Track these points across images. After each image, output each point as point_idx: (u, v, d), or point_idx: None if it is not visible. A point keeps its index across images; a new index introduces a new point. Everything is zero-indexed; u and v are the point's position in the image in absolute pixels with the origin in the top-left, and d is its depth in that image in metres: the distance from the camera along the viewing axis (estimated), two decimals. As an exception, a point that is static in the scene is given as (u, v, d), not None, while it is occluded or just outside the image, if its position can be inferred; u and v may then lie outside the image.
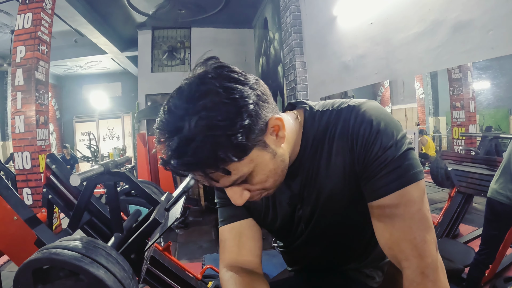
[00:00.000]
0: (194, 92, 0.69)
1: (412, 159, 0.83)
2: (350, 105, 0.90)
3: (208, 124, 0.65)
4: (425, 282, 0.79)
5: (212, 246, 4.76)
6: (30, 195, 4.61)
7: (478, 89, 2.64)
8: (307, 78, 4.84)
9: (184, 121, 0.66)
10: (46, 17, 4.78)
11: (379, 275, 1.20)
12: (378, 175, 0.83)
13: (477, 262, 2.58)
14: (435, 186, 3.56)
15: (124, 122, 13.04)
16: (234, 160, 0.69)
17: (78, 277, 1.07)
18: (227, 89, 0.69)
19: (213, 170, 0.70)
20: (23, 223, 1.69)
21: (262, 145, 0.76)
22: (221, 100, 0.67)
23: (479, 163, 3.07)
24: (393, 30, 2.84)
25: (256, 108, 0.72)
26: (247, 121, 0.69)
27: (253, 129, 0.71)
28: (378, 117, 0.85)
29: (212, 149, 0.66)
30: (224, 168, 0.71)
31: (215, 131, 0.66)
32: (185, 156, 0.67)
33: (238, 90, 0.70)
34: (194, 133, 0.65)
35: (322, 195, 0.96)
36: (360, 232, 1.08)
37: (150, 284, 2.08)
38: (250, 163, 0.75)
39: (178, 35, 8.02)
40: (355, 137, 0.86)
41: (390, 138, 0.83)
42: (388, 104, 3.19)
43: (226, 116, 0.66)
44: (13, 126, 4.64)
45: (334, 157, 0.91)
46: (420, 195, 0.83)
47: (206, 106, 0.66)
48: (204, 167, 0.70)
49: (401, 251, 0.82)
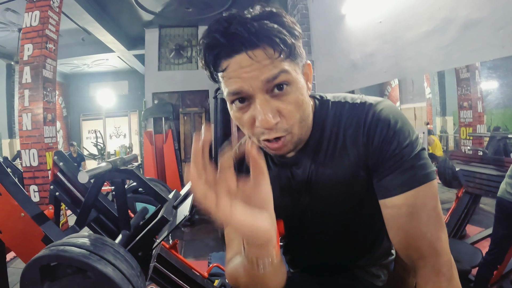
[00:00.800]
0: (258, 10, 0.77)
1: (426, 159, 0.84)
2: (367, 102, 0.90)
3: (279, 22, 0.75)
4: (441, 280, 0.79)
5: (218, 244, 4.76)
6: (37, 192, 4.63)
7: (486, 89, 2.62)
8: (315, 76, 4.82)
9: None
10: (53, 15, 4.80)
11: (384, 273, 1.19)
12: (393, 173, 0.83)
13: (486, 262, 2.56)
14: (442, 187, 3.54)
15: (130, 120, 13.07)
16: (293, 43, 0.76)
17: (85, 274, 1.06)
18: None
19: (278, 46, 0.73)
20: (30, 220, 1.69)
21: (301, 71, 0.83)
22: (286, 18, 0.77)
23: (487, 163, 3.05)
24: (403, 28, 2.82)
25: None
26: (300, 41, 0.81)
27: (301, 51, 0.81)
28: (395, 116, 0.85)
29: (277, 29, 0.73)
30: (280, 46, 0.73)
31: (282, 21, 0.76)
32: (259, 24, 0.73)
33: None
34: (264, 24, 0.73)
35: (330, 184, 0.95)
36: (367, 228, 1.07)
37: (157, 282, 2.08)
38: (292, 70, 0.77)
39: (185, 33, 8.02)
40: (371, 133, 0.86)
41: (406, 137, 0.83)
42: (397, 103, 3.17)
43: (291, 23, 0.77)
44: (20, 124, 4.66)
45: (346, 149, 0.91)
46: (434, 193, 0.83)
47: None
48: (275, 36, 0.73)
49: (417, 249, 0.82)
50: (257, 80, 0.74)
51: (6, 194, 1.69)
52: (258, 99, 0.76)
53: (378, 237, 1.11)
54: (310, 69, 0.87)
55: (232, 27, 0.72)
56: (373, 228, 1.05)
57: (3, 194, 1.69)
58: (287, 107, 0.78)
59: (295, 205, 1.04)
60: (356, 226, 1.06)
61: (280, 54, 0.74)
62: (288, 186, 1.01)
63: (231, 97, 0.79)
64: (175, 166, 7.04)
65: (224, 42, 0.74)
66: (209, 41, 0.76)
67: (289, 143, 0.84)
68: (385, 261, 1.19)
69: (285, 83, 0.76)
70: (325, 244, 1.12)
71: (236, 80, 0.76)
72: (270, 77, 0.74)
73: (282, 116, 0.78)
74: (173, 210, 1.57)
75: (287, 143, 0.83)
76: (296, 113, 0.80)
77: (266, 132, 0.80)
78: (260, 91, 0.76)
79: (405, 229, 0.83)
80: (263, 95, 0.76)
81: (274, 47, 0.73)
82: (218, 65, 0.78)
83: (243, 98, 0.79)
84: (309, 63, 0.87)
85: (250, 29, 0.72)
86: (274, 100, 0.77)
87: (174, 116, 7.52)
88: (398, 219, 0.84)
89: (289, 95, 0.78)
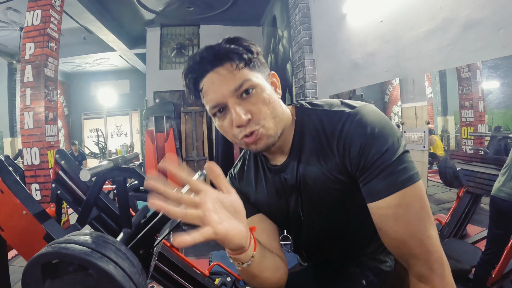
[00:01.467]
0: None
1: (407, 162, 0.86)
2: (344, 111, 0.94)
3: (236, 43, 0.93)
4: (434, 277, 0.82)
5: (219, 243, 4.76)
6: (38, 191, 4.64)
7: (487, 89, 2.61)
8: (316, 76, 4.82)
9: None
10: (55, 14, 4.81)
11: (391, 258, 1.23)
12: (375, 178, 0.87)
13: (483, 262, 2.57)
14: (443, 186, 3.53)
15: (132, 119, 13.10)
16: (249, 57, 0.91)
17: (87, 271, 1.07)
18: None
19: (236, 60, 0.90)
20: (32, 217, 1.69)
21: (266, 77, 0.97)
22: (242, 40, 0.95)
23: (488, 163, 3.05)
24: (404, 28, 2.82)
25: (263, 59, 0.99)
26: (259, 55, 0.96)
27: (262, 62, 0.97)
28: (373, 122, 0.88)
29: (234, 48, 0.91)
30: (237, 60, 0.90)
31: (239, 43, 0.94)
32: (219, 47, 0.92)
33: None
34: (223, 47, 0.92)
35: (315, 187, 1.00)
36: (364, 223, 1.09)
37: (158, 280, 2.09)
38: (253, 77, 0.91)
39: (187, 32, 8.02)
40: (347, 144, 0.90)
41: (384, 142, 0.86)
42: (397, 103, 3.17)
43: (246, 43, 0.94)
44: (22, 122, 4.67)
45: (324, 155, 0.97)
46: (419, 195, 0.85)
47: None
48: (232, 54, 0.90)
49: (408, 249, 0.85)
50: (227, 90, 0.89)
51: (8, 192, 1.69)
52: (230, 103, 0.90)
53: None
54: (276, 77, 1.02)
55: (200, 55, 0.92)
56: (369, 222, 1.07)
57: (5, 192, 1.69)
58: (255, 105, 0.91)
59: (289, 208, 1.10)
60: (352, 223, 1.10)
61: (238, 66, 0.90)
62: (282, 190, 1.09)
63: (212, 110, 0.95)
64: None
65: (197, 67, 0.92)
66: (187, 69, 0.95)
67: (264, 136, 0.92)
68: None
69: (250, 88, 0.90)
70: (326, 241, 1.17)
71: (212, 96, 0.92)
72: (237, 86, 0.89)
73: (253, 113, 0.91)
74: (174, 208, 1.58)
75: (262, 136, 0.92)
76: (264, 109, 0.92)
77: (242, 130, 0.91)
78: (231, 98, 0.90)
79: (394, 231, 0.86)
80: (234, 99, 0.90)
81: (233, 61, 0.90)
82: (197, 86, 0.95)
83: (221, 109, 0.93)
84: (274, 73, 1.02)
85: (213, 52, 0.91)
86: (244, 102, 0.91)
87: (176, 115, 7.53)
88: (386, 222, 0.87)
89: (256, 96, 0.91)
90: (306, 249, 1.25)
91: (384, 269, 1.20)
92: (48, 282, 1.08)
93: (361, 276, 1.18)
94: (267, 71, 0.99)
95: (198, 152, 7.52)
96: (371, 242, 1.17)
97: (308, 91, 4.78)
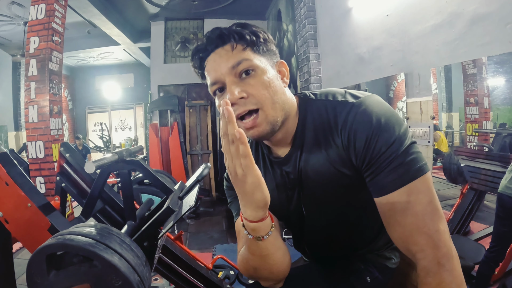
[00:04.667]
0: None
1: (416, 152, 0.85)
2: (348, 101, 0.93)
3: (243, 27, 0.98)
4: (441, 272, 0.80)
5: (223, 236, 4.79)
6: (43, 184, 4.65)
7: (493, 85, 2.60)
8: (321, 70, 4.80)
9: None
10: (59, 8, 4.80)
11: (396, 255, 1.22)
12: (383, 172, 0.85)
13: (487, 259, 2.56)
14: (447, 183, 3.53)
15: (136, 113, 13.11)
16: (252, 39, 0.95)
17: (92, 263, 1.07)
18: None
19: (238, 41, 0.94)
20: (37, 209, 1.70)
21: (272, 63, 0.99)
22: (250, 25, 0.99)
23: (493, 159, 3.04)
24: (410, 22, 2.80)
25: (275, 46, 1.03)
26: (268, 42, 1.00)
27: (270, 48, 1.00)
28: (378, 114, 0.86)
29: (240, 30, 0.96)
30: (241, 41, 0.95)
31: (246, 26, 0.98)
32: (225, 29, 0.96)
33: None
34: (229, 28, 0.97)
35: (317, 180, 0.99)
36: (368, 219, 1.10)
37: (161, 273, 2.10)
38: (256, 59, 0.94)
39: (191, 26, 8.00)
40: (352, 137, 0.89)
41: (392, 134, 0.84)
42: (402, 99, 3.15)
43: (253, 27, 0.98)
44: (26, 116, 4.68)
45: (327, 147, 0.95)
46: (428, 187, 0.84)
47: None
48: (235, 34, 0.94)
49: (415, 243, 0.83)
50: (225, 67, 0.92)
51: (13, 184, 1.70)
52: (227, 81, 0.93)
53: (383, 225, 1.12)
54: (285, 66, 1.03)
55: (208, 35, 0.97)
56: (375, 218, 1.07)
57: (10, 184, 1.70)
58: (253, 86, 0.92)
59: (291, 203, 1.09)
60: (356, 219, 1.09)
61: (238, 44, 0.94)
62: (284, 184, 1.08)
63: (212, 88, 0.97)
64: (180, 159, 7.06)
65: (202, 47, 0.98)
66: (195, 50, 1.00)
67: (263, 122, 0.92)
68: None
69: (249, 68, 0.92)
70: (329, 237, 1.15)
71: (212, 73, 0.95)
72: (235, 63, 0.92)
73: (249, 94, 0.91)
74: (178, 200, 1.58)
75: (261, 121, 0.92)
76: (263, 91, 0.91)
77: (236, 108, 0.91)
78: (229, 76, 0.92)
79: (402, 225, 0.85)
80: (231, 78, 0.92)
81: (235, 41, 0.94)
82: (202, 66, 0.99)
83: (221, 88, 0.95)
84: (283, 62, 1.04)
85: (218, 33, 0.95)
86: (242, 83, 0.92)
87: (180, 108, 7.52)
88: (394, 216, 0.86)
89: (255, 77, 0.92)
90: (308, 245, 1.23)
91: (389, 266, 1.19)
92: (53, 273, 1.09)
93: (365, 273, 1.17)
94: (275, 58, 1.01)
95: (202, 145, 7.52)
96: (376, 238, 1.15)
97: (313, 85, 4.76)
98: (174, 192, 1.72)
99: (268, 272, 0.99)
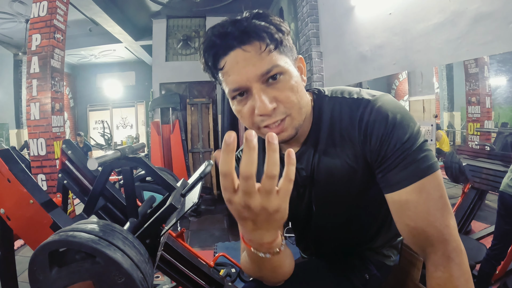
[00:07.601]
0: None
1: (428, 150, 0.86)
2: (364, 98, 0.92)
3: (266, 20, 0.85)
4: (451, 265, 0.81)
5: (224, 234, 4.79)
6: (44, 181, 4.65)
7: (495, 84, 2.60)
8: (323, 68, 4.80)
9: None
10: (61, 5, 4.79)
11: (394, 253, 1.23)
12: (396, 168, 0.85)
13: (489, 257, 2.57)
14: (448, 182, 3.53)
15: (137, 111, 13.13)
16: (280, 37, 0.85)
17: (94, 259, 1.06)
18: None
19: (266, 40, 0.82)
20: (39, 206, 1.69)
21: (293, 62, 0.91)
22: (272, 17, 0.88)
23: (495, 159, 3.03)
24: (412, 20, 2.80)
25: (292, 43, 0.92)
26: (288, 35, 0.89)
27: (291, 44, 0.90)
28: (393, 111, 0.87)
29: (264, 25, 0.84)
30: (268, 40, 0.82)
31: (269, 20, 0.86)
32: (247, 23, 0.83)
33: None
34: (252, 22, 0.84)
35: (330, 177, 0.98)
36: (372, 216, 1.11)
37: (163, 270, 2.09)
38: (282, 62, 0.84)
39: (193, 24, 7.99)
40: (369, 132, 0.89)
41: (406, 131, 0.85)
42: (403, 97, 3.16)
43: (277, 21, 0.87)
44: (28, 113, 4.67)
45: (342, 144, 0.95)
46: (438, 184, 0.84)
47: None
48: (263, 32, 0.82)
49: (426, 238, 0.84)
50: (253, 74, 0.82)
51: (14, 181, 1.69)
52: (255, 89, 0.83)
53: (384, 223, 1.14)
54: (302, 62, 0.95)
55: (225, 29, 0.83)
56: (379, 215, 1.09)
57: (12, 181, 1.69)
58: (282, 92, 0.85)
59: (301, 199, 1.08)
60: (361, 216, 1.10)
61: (268, 47, 0.82)
62: (295, 182, 1.01)
63: (232, 93, 0.87)
64: (182, 157, 7.07)
65: (219, 42, 0.83)
66: (208, 43, 0.86)
67: (289, 127, 0.88)
68: (394, 242, 1.22)
69: (278, 73, 0.84)
70: (333, 234, 1.16)
71: (234, 77, 0.84)
72: (264, 71, 0.82)
73: (279, 101, 0.85)
74: (181, 198, 1.57)
75: (288, 126, 0.88)
76: (292, 97, 0.86)
77: (265, 119, 0.85)
78: (256, 83, 0.83)
79: (413, 220, 0.85)
80: (259, 85, 0.83)
81: (263, 41, 0.82)
82: (217, 64, 0.86)
83: (242, 92, 0.86)
84: (301, 57, 0.96)
85: (240, 28, 0.82)
86: (270, 89, 0.84)
87: (181, 106, 7.53)
88: (405, 212, 0.86)
89: (283, 82, 0.85)
90: (314, 242, 1.24)
91: (387, 264, 1.21)
92: (55, 270, 1.08)
93: (364, 270, 1.18)
94: (295, 54, 0.92)
95: (204, 143, 7.52)
96: (377, 236, 1.17)
97: (315, 83, 4.77)
98: (177, 190, 1.71)
99: (276, 278, 0.98)
